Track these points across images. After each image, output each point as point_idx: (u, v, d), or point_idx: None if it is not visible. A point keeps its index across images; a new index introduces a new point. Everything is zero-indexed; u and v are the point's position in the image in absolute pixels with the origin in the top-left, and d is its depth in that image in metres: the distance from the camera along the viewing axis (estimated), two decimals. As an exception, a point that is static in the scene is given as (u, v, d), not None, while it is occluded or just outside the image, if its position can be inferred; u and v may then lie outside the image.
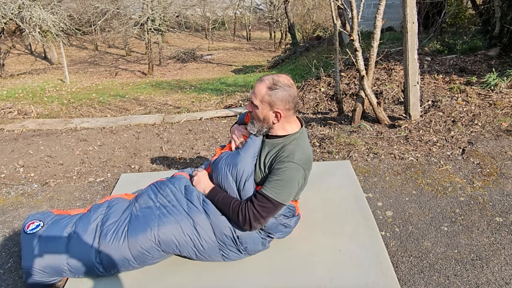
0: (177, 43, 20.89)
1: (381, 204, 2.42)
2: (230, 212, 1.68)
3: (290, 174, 1.64)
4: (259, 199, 1.65)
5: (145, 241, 1.66)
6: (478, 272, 1.83)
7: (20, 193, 2.84)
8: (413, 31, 3.50)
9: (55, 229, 1.78)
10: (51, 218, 1.86)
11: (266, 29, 27.00)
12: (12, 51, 15.84)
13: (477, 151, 3.02)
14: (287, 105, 1.66)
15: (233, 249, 1.75)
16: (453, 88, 4.50)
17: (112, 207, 1.85)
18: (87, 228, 1.75)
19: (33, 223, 1.81)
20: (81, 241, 1.71)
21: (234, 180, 1.74)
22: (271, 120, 1.70)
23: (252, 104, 1.70)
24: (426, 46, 6.75)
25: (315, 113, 4.84)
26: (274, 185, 1.63)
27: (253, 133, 1.77)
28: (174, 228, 1.68)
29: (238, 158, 1.76)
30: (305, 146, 1.73)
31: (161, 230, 1.67)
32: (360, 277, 1.70)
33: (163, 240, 1.67)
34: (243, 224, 1.66)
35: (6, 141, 4.08)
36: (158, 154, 3.55)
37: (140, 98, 7.88)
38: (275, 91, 1.64)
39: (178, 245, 1.69)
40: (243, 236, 1.73)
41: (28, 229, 1.79)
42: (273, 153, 1.71)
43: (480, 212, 2.28)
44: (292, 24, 15.36)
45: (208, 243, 1.71)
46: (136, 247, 1.66)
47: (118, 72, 14.27)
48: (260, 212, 1.63)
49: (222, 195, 1.74)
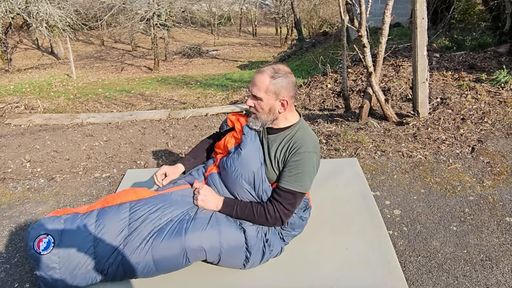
0: (183, 38, 20.87)
1: (388, 203, 2.39)
2: (255, 218, 1.67)
3: (308, 163, 1.64)
4: (284, 196, 1.64)
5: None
6: (487, 273, 1.80)
7: (27, 188, 2.85)
8: (423, 27, 3.44)
9: (74, 239, 1.58)
10: (58, 224, 1.63)
11: (272, 25, 26.88)
12: (19, 46, 15.92)
13: (487, 149, 2.98)
14: (291, 92, 1.65)
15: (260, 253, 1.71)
16: (462, 85, 4.44)
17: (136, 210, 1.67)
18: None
19: (41, 240, 1.57)
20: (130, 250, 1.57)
21: (252, 187, 1.70)
22: (277, 110, 1.67)
23: (254, 97, 1.66)
24: (434, 42, 6.66)
25: (321, 110, 4.80)
26: (296, 179, 1.63)
27: (256, 128, 1.73)
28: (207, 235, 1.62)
29: (246, 163, 1.69)
30: (310, 131, 1.74)
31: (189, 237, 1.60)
32: (368, 276, 1.69)
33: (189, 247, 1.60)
34: (273, 224, 1.68)
35: (13, 136, 4.10)
36: (163, 150, 3.55)
37: (146, 94, 7.89)
38: (278, 79, 1.61)
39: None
40: (271, 240, 1.73)
41: (40, 249, 1.55)
42: (283, 147, 1.69)
43: (490, 212, 2.25)
44: (298, 19, 15.26)
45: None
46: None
47: (124, 67, 14.29)
48: (289, 208, 1.65)
49: (239, 206, 1.69)
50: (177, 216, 1.65)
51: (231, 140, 1.82)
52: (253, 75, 1.67)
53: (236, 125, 1.84)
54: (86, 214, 1.66)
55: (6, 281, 1.88)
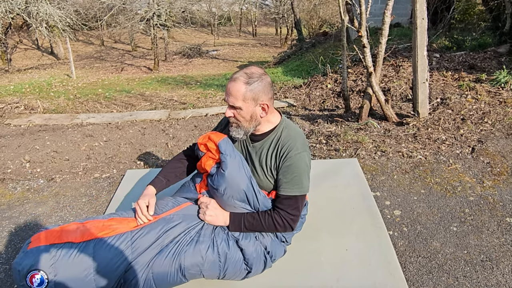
0: (183, 38, 20.86)
1: (389, 203, 2.39)
2: (265, 229, 1.64)
3: (301, 164, 1.60)
4: (287, 203, 1.62)
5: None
6: (488, 274, 1.79)
7: (27, 189, 2.85)
8: (423, 27, 3.44)
9: (70, 272, 1.45)
10: (48, 257, 1.46)
11: (272, 25, 26.86)
12: (19, 46, 15.91)
13: (487, 149, 2.98)
14: (269, 94, 1.58)
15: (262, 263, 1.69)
16: (462, 85, 4.44)
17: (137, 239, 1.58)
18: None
19: (34, 276, 1.42)
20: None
21: (247, 203, 1.66)
22: (259, 115, 1.59)
23: (232, 108, 1.56)
24: (434, 43, 6.66)
25: (321, 110, 4.80)
26: (294, 183, 1.60)
27: (239, 137, 1.64)
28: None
29: (233, 184, 1.62)
30: (295, 128, 1.68)
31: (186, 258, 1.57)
32: (368, 277, 1.68)
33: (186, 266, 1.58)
34: (283, 231, 1.67)
35: (12, 136, 4.10)
36: (163, 150, 3.54)
37: (145, 94, 7.88)
38: (254, 84, 1.52)
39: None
40: (272, 250, 1.70)
41: (34, 285, 1.43)
42: (272, 153, 1.63)
43: (490, 212, 2.24)
44: (298, 19, 15.25)
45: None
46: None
47: (124, 67, 14.28)
48: (294, 213, 1.63)
49: (246, 220, 1.65)
50: (178, 237, 1.61)
51: (208, 161, 1.72)
52: (226, 84, 1.57)
53: (209, 146, 1.71)
54: (81, 244, 1.50)
55: (6, 281, 1.88)
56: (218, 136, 1.70)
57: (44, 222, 2.41)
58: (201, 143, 1.75)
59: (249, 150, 1.70)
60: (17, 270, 1.45)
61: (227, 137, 1.70)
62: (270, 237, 1.70)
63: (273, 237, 1.72)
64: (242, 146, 1.73)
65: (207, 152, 1.73)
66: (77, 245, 1.50)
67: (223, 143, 1.67)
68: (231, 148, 1.67)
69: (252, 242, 1.64)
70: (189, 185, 1.88)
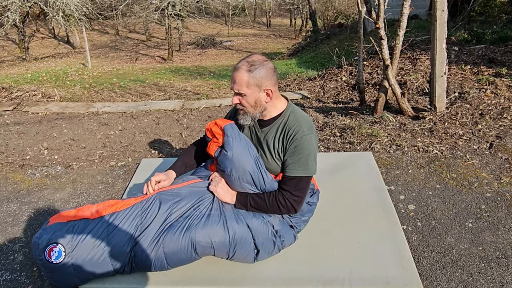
0: (197, 29, 20.85)
1: (403, 198, 2.37)
2: (269, 209, 1.69)
3: (308, 146, 1.64)
4: (291, 184, 1.66)
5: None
6: (503, 271, 1.77)
7: (45, 175, 2.91)
8: (443, 19, 3.36)
9: (86, 246, 1.57)
10: (66, 232, 1.59)
11: (286, 16, 26.61)
12: (36, 34, 16.13)
13: (506, 145, 2.92)
14: (273, 79, 1.65)
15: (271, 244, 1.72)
16: (481, 79, 4.34)
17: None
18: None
19: (52, 250, 1.55)
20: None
21: (254, 185, 1.71)
22: (263, 101, 1.66)
23: (238, 95, 1.65)
24: (453, 35, 6.51)
25: (335, 102, 4.76)
26: (300, 164, 1.64)
27: (247, 123, 1.72)
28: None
29: (239, 165, 1.67)
30: (302, 113, 1.74)
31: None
32: (380, 271, 1.68)
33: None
34: (287, 213, 1.71)
35: (31, 124, 4.18)
36: (177, 140, 3.57)
37: (159, 84, 7.93)
38: (256, 71, 1.60)
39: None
40: (281, 231, 1.74)
41: (52, 258, 1.55)
42: (279, 136, 1.69)
43: (507, 209, 2.21)
44: (313, 10, 15.07)
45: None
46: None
47: (138, 57, 14.37)
48: (298, 194, 1.66)
49: (252, 199, 1.70)
50: (187, 212, 1.67)
51: (212, 146, 1.80)
52: (231, 73, 1.66)
53: (214, 130, 1.79)
54: (96, 220, 1.63)
55: (25, 264, 1.94)
56: (224, 122, 1.79)
57: (61, 207, 2.47)
58: (207, 129, 1.84)
59: (258, 135, 1.77)
60: (36, 244, 1.58)
61: (233, 122, 1.78)
62: (277, 218, 1.75)
63: (280, 218, 1.76)
64: (251, 132, 1.81)
65: (212, 138, 1.82)
66: (92, 220, 1.63)
67: (229, 126, 1.75)
68: (237, 132, 1.75)
69: (260, 221, 1.70)
70: (201, 167, 2.00)
